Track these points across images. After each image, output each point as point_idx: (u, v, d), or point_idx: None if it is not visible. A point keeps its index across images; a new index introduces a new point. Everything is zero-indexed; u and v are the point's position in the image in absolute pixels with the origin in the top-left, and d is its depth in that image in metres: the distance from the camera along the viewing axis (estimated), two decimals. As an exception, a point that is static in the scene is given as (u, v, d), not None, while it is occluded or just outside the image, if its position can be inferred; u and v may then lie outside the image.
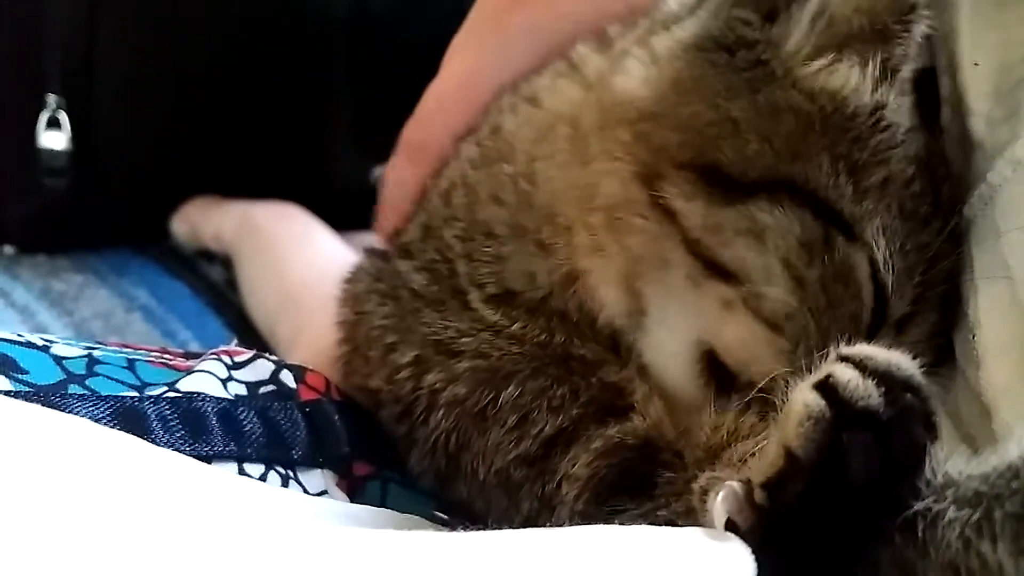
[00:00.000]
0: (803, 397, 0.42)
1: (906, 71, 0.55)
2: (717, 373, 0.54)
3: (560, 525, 0.51)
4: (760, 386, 0.51)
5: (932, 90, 0.58)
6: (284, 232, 1.00)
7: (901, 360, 0.43)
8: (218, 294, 1.02)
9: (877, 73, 0.54)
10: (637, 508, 0.50)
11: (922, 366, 0.43)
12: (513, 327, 0.57)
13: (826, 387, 0.42)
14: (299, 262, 0.98)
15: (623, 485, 0.52)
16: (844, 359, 0.43)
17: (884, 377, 0.41)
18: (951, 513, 0.40)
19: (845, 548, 0.41)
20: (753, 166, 0.52)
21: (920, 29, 0.54)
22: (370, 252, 0.67)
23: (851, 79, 0.54)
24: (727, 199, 0.52)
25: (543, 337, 0.57)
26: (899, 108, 0.54)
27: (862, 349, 0.43)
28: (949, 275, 0.55)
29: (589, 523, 0.43)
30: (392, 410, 0.60)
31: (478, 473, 0.56)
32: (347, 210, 1.02)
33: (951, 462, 0.42)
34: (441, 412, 0.57)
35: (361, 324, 0.63)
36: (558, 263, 0.57)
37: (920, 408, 0.42)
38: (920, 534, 0.40)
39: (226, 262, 1.04)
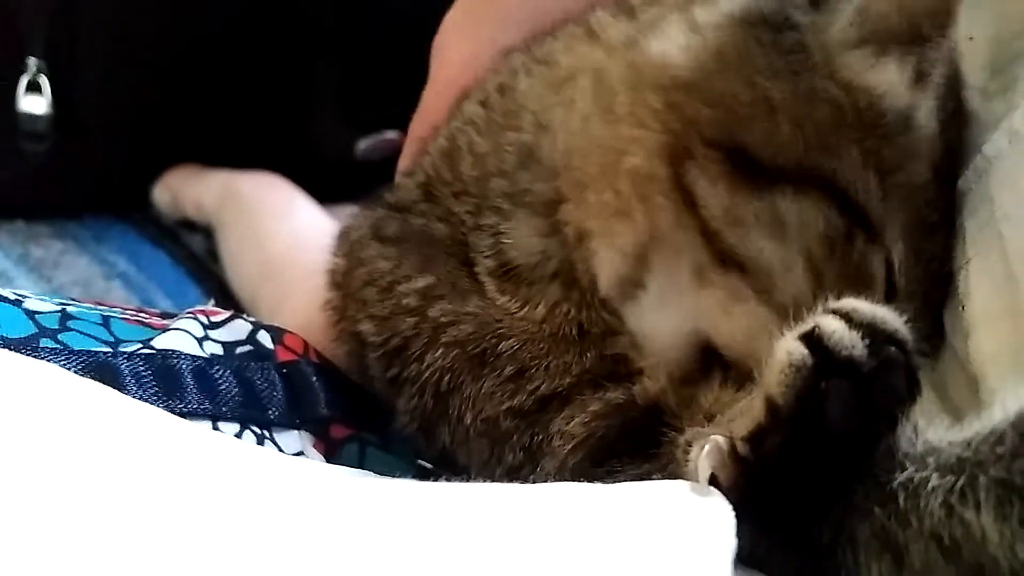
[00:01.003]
0: (787, 346, 0.42)
1: (936, 76, 0.54)
2: (711, 361, 0.53)
3: (544, 479, 0.51)
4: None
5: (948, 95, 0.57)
6: (267, 202, 0.99)
7: (887, 314, 0.42)
8: (199, 264, 1.01)
9: (912, 75, 0.53)
10: (636, 468, 0.49)
11: (907, 321, 0.43)
12: (507, 302, 0.56)
13: (811, 337, 0.41)
14: (282, 233, 0.96)
15: (622, 446, 0.51)
16: (831, 311, 0.42)
17: (869, 329, 0.41)
18: (934, 481, 0.39)
19: (822, 503, 0.40)
20: (783, 153, 0.51)
21: (955, 37, 0.53)
22: (371, 202, 0.65)
23: (887, 77, 0.53)
24: (752, 185, 0.51)
25: (535, 312, 0.56)
26: (926, 113, 0.53)
27: (849, 302, 0.43)
28: (943, 283, 0.54)
29: (578, 479, 0.42)
30: (384, 350, 0.58)
31: (464, 419, 0.54)
32: (332, 182, 1.01)
33: (932, 430, 0.42)
34: (440, 351, 0.55)
35: (358, 268, 0.61)
36: (565, 221, 0.56)
37: (903, 361, 0.41)
38: (901, 504, 0.40)
39: (208, 232, 1.02)
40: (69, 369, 0.51)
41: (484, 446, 0.54)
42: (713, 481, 0.41)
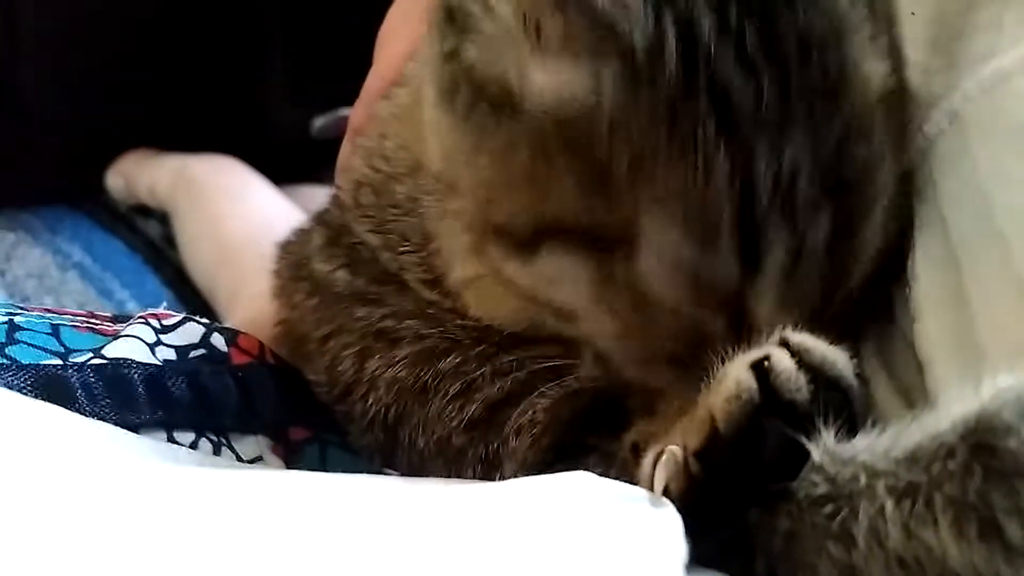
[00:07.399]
0: (737, 374, 0.42)
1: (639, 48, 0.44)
2: None
3: None
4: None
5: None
6: (221, 185, 0.98)
7: (837, 357, 0.43)
8: (155, 251, 1.00)
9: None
10: (608, 445, 0.50)
11: (853, 357, 0.44)
12: (440, 298, 0.55)
13: (761, 369, 0.42)
14: (237, 217, 0.96)
15: (592, 423, 0.51)
16: (784, 344, 0.43)
17: (816, 371, 0.42)
18: (889, 508, 0.39)
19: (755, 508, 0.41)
20: (520, 219, 0.47)
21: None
22: (292, 236, 0.65)
23: (566, 79, 0.46)
24: (527, 255, 0.48)
25: (463, 307, 0.55)
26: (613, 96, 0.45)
27: (804, 340, 0.43)
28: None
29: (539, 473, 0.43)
30: (330, 396, 0.59)
31: (416, 444, 0.55)
32: (286, 162, 1.00)
33: (863, 443, 0.41)
34: (381, 391, 0.56)
35: (294, 313, 0.62)
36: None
37: (844, 406, 0.42)
38: (857, 540, 0.39)
39: (163, 218, 1.01)
40: (18, 384, 0.50)
41: (441, 467, 0.54)
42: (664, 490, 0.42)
